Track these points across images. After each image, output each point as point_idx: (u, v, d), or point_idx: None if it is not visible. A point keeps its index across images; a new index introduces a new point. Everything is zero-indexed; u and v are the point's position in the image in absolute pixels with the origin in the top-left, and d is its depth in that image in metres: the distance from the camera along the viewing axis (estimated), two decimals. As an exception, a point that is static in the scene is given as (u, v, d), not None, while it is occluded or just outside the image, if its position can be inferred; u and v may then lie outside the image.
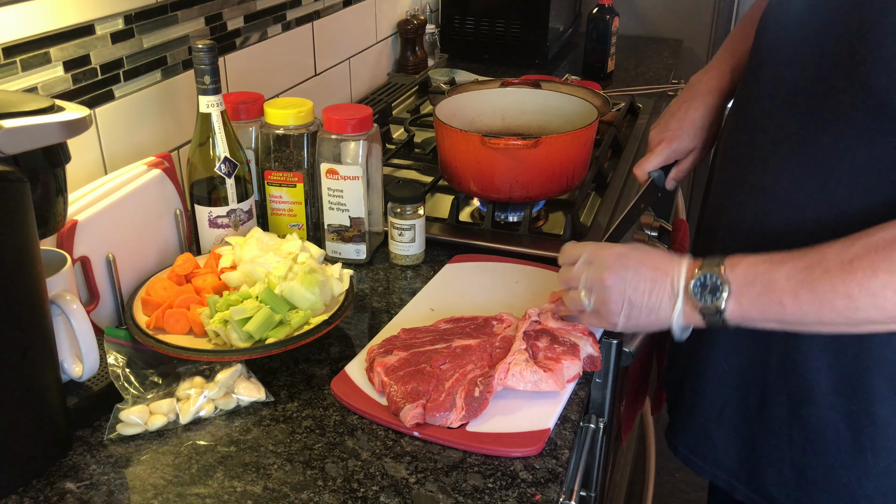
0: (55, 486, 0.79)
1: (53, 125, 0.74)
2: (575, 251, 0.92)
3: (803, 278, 0.75)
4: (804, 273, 0.76)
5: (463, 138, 1.25)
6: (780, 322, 0.79)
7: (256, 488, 0.79)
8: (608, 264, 0.87)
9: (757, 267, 0.79)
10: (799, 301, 0.76)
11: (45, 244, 0.90)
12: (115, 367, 0.91)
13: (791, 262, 0.77)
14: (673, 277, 0.83)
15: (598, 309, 0.88)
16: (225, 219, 1.11)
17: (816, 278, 0.75)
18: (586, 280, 0.89)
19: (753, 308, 0.79)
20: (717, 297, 0.80)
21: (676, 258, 0.85)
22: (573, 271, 0.91)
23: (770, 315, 0.78)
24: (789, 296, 0.76)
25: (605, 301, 0.87)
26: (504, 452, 0.83)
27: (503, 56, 2.21)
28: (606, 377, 1.26)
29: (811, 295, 0.75)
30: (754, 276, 0.78)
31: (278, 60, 1.55)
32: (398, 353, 0.92)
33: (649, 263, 0.85)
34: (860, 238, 0.74)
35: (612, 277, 0.86)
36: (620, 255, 0.87)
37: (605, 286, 0.86)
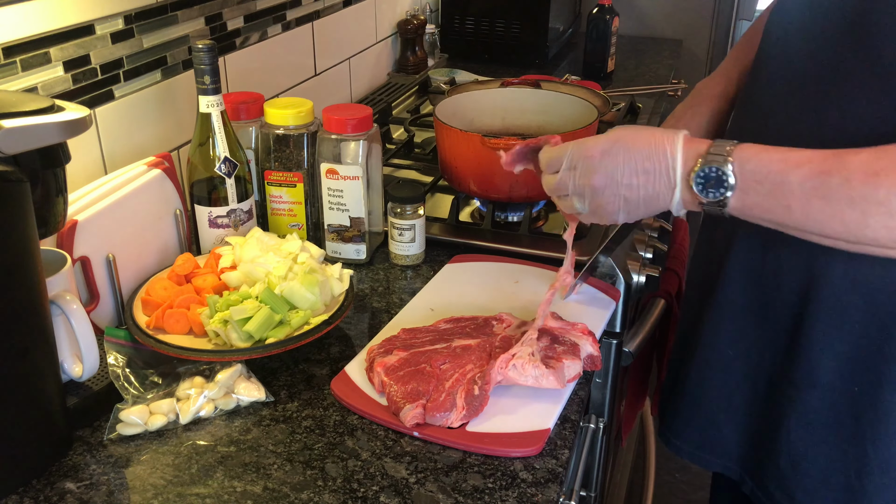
0: (55, 486, 0.79)
1: (53, 125, 0.74)
2: (555, 155, 0.86)
3: (818, 184, 0.71)
4: (820, 179, 0.71)
5: (463, 138, 1.25)
6: (780, 224, 0.75)
7: (256, 488, 0.79)
8: (594, 166, 0.81)
9: (770, 165, 0.73)
10: (808, 208, 0.72)
11: (45, 244, 0.90)
12: (115, 367, 0.91)
13: (808, 166, 0.72)
14: (668, 166, 0.78)
15: (595, 211, 0.84)
16: (225, 219, 1.11)
17: (834, 187, 0.70)
18: (574, 186, 0.83)
19: (757, 206, 0.75)
20: (720, 193, 0.75)
21: (670, 137, 0.78)
22: (559, 179, 0.85)
23: (773, 216, 0.74)
24: (799, 200, 0.72)
25: (600, 204, 0.82)
26: (504, 452, 0.83)
27: (503, 56, 2.21)
28: (606, 377, 1.26)
29: (823, 203, 0.71)
30: (765, 175, 0.73)
31: (278, 60, 1.55)
32: (398, 353, 0.92)
33: (639, 152, 0.79)
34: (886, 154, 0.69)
35: (601, 179, 0.81)
36: (605, 153, 0.81)
37: (595, 189, 0.81)
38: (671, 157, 0.77)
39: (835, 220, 0.71)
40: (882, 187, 0.68)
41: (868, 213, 0.69)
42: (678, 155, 0.77)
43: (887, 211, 0.68)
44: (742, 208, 0.75)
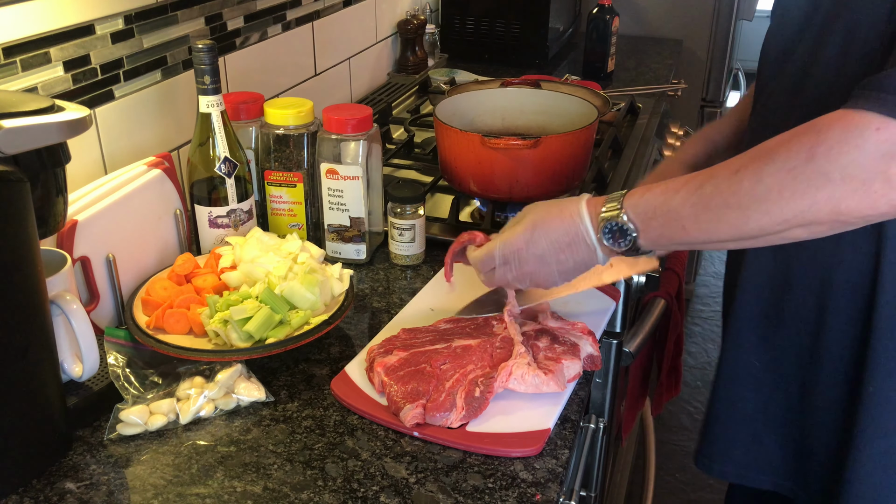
0: (55, 486, 0.79)
1: (53, 125, 0.74)
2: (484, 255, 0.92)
3: (697, 200, 0.76)
4: (697, 194, 0.77)
5: (463, 138, 1.25)
6: (688, 244, 0.81)
7: (256, 488, 0.79)
8: (524, 257, 0.88)
9: (655, 201, 0.80)
10: (699, 222, 0.77)
11: (45, 244, 0.90)
12: (115, 367, 0.91)
13: (685, 187, 0.78)
14: (583, 235, 0.85)
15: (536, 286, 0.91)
16: (225, 219, 1.11)
17: (708, 195, 0.76)
18: (513, 278, 0.91)
19: (662, 238, 0.81)
20: (627, 241, 0.82)
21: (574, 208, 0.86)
22: (497, 276, 0.92)
23: (678, 239, 0.80)
24: (690, 220, 0.77)
25: (538, 282, 0.90)
26: (504, 452, 0.83)
27: (503, 56, 2.21)
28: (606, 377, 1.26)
29: (707, 213, 0.76)
30: (653, 210, 0.80)
31: (278, 60, 1.55)
32: (398, 353, 0.92)
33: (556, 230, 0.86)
34: (748, 152, 0.75)
35: (533, 265, 0.88)
36: (529, 243, 0.88)
37: (532, 274, 0.89)
38: (583, 227, 0.85)
39: (723, 224, 0.75)
40: (745, 180, 0.73)
41: (744, 208, 0.73)
42: (587, 222, 0.85)
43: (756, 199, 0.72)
44: (652, 244, 0.82)
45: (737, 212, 0.74)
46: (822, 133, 0.69)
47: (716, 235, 0.77)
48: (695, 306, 3.14)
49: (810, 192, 0.70)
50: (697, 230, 0.77)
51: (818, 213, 0.70)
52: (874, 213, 0.69)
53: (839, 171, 0.68)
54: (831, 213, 0.70)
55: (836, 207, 0.70)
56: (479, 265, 0.94)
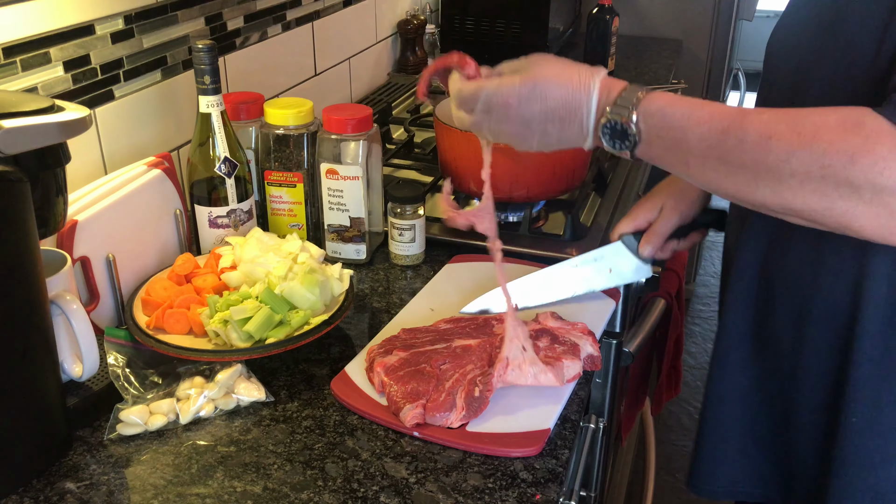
0: (55, 486, 0.79)
1: (53, 125, 0.74)
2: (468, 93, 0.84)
3: (715, 143, 0.72)
4: (718, 138, 0.72)
5: (463, 138, 1.25)
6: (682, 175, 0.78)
7: (256, 488, 0.79)
8: (510, 115, 0.81)
9: (672, 120, 0.75)
10: (704, 165, 0.73)
11: (45, 244, 0.90)
12: (115, 367, 0.91)
13: (709, 124, 0.73)
14: (583, 115, 0.79)
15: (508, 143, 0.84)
16: (225, 219, 1.11)
17: (729, 148, 0.71)
18: (489, 130, 0.84)
19: (659, 158, 0.77)
20: (625, 145, 0.77)
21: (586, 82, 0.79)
22: (473, 120, 0.84)
23: (675, 168, 0.77)
24: (697, 157, 0.73)
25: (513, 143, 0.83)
26: (504, 452, 0.83)
27: (503, 56, 2.19)
28: (606, 377, 1.26)
29: (717, 162, 0.72)
30: (667, 129, 0.75)
31: (278, 60, 1.55)
32: (398, 353, 0.92)
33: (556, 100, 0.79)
34: (787, 116, 0.70)
35: (516, 127, 0.81)
36: (522, 100, 0.80)
37: (510, 135, 0.83)
38: (586, 106, 0.78)
39: (727, 179, 0.72)
40: (772, 152, 0.68)
41: (758, 177, 0.69)
42: (593, 104, 0.78)
43: (775, 177, 0.68)
44: (645, 157, 0.78)
45: (749, 177, 0.70)
46: (871, 142, 0.65)
47: (714, 185, 0.74)
48: (695, 306, 3.14)
49: (832, 198, 0.66)
50: (700, 173, 0.74)
51: (829, 218, 0.68)
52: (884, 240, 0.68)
53: (871, 190, 0.65)
54: (841, 223, 0.68)
55: (849, 221, 0.67)
56: (459, 101, 0.86)
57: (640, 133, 0.76)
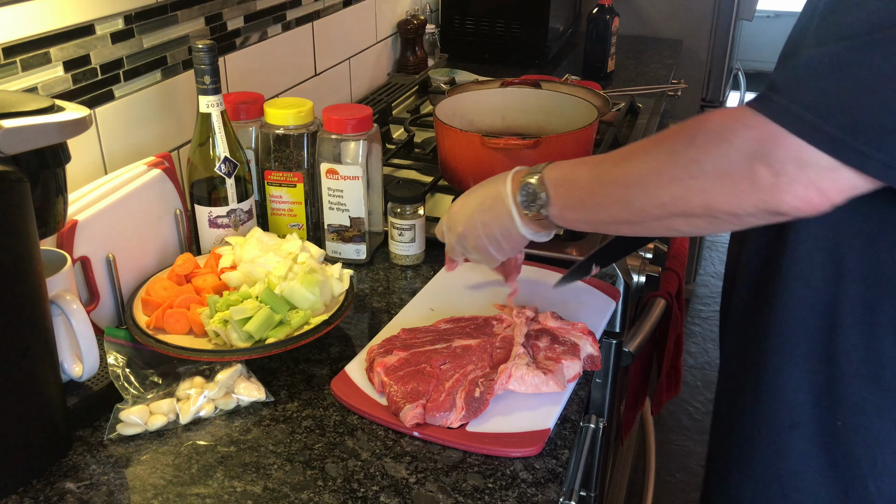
0: (55, 486, 0.79)
1: (53, 125, 0.74)
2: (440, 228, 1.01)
3: (596, 173, 0.78)
4: (598, 168, 0.79)
5: (463, 138, 1.25)
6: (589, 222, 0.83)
7: (256, 488, 0.79)
8: (458, 220, 0.95)
9: (566, 169, 0.83)
10: (593, 195, 0.79)
11: (45, 244, 0.90)
12: (115, 367, 0.91)
13: (592, 161, 0.80)
14: (504, 196, 0.88)
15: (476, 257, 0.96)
16: (225, 219, 1.11)
17: (604, 170, 0.78)
18: (457, 244, 0.97)
19: (564, 208, 0.82)
20: (537, 205, 0.84)
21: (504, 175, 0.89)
22: (447, 244, 1.00)
23: (580, 214, 0.82)
24: (586, 191, 0.79)
25: (474, 247, 0.94)
26: (504, 452, 0.83)
27: (503, 56, 2.21)
28: (606, 377, 1.26)
29: (600, 187, 0.78)
30: (563, 178, 0.82)
31: (278, 60, 1.55)
32: (398, 353, 0.92)
33: (482, 194, 0.92)
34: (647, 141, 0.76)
35: (463, 227, 0.94)
36: (463, 205, 0.94)
37: (464, 237, 0.94)
38: (503, 188, 0.88)
39: (610, 200, 0.77)
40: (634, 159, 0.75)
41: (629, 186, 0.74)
42: (508, 184, 0.88)
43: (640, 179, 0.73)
44: (559, 215, 0.83)
45: (622, 189, 0.75)
46: (708, 122, 0.68)
47: (605, 213, 0.78)
48: (695, 306, 3.14)
49: (684, 179, 0.70)
50: (592, 203, 0.79)
51: (691, 202, 0.70)
52: (741, 212, 0.68)
53: (711, 163, 0.67)
54: (703, 206, 0.69)
55: (706, 201, 0.69)
56: (438, 234, 1.02)
57: (547, 190, 0.83)
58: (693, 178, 0.69)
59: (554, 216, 0.84)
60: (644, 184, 0.73)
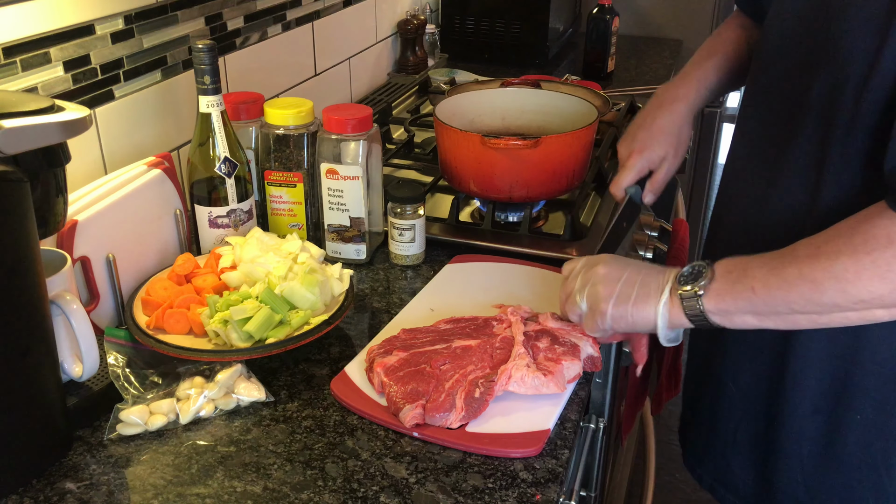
0: (55, 486, 0.79)
1: (53, 125, 0.74)
2: (574, 263, 0.96)
3: (774, 265, 0.78)
4: (776, 261, 0.79)
5: (463, 138, 1.25)
6: (753, 312, 0.80)
7: (256, 488, 0.79)
8: (605, 260, 0.91)
9: (738, 259, 0.82)
10: (768, 287, 0.78)
11: (45, 244, 0.90)
12: (115, 367, 0.91)
13: (768, 256, 0.80)
14: (663, 275, 0.86)
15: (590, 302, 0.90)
16: (225, 219, 1.11)
17: (786, 265, 0.78)
18: (582, 281, 0.91)
19: (728, 295, 0.81)
20: (698, 282, 0.82)
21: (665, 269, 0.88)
22: (571, 279, 0.94)
23: (743, 304, 0.80)
24: (760, 282, 0.79)
25: (596, 290, 0.89)
26: (503, 453, 0.83)
27: (503, 56, 2.21)
28: (606, 377, 1.26)
29: (779, 280, 0.77)
30: (733, 265, 0.82)
31: (278, 60, 1.55)
32: (398, 353, 0.92)
33: (644, 265, 0.89)
34: (831, 228, 0.77)
35: (605, 269, 0.89)
36: (617, 259, 0.91)
37: (598, 275, 0.89)
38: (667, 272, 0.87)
39: (794, 293, 0.77)
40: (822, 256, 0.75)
41: (818, 282, 0.75)
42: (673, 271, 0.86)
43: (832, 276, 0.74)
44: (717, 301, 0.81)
45: (810, 285, 0.76)
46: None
47: (784, 302, 0.78)
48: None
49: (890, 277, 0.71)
50: (766, 295, 0.78)
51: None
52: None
53: None
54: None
55: None
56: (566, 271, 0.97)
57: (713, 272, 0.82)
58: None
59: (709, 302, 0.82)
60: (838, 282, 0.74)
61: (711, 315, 0.82)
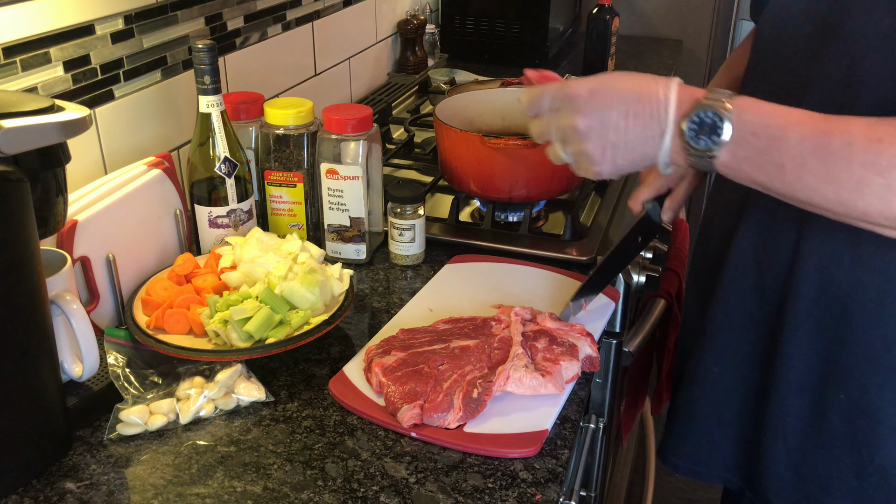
0: (55, 486, 0.79)
1: (53, 125, 0.74)
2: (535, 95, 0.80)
3: (818, 144, 0.65)
4: (820, 138, 0.65)
5: (463, 138, 1.25)
6: (767, 186, 0.70)
7: (256, 488, 0.79)
8: (579, 107, 0.75)
9: (770, 118, 0.68)
10: (803, 168, 0.66)
11: (45, 244, 0.90)
12: (115, 367, 0.91)
13: (809, 124, 0.66)
14: (660, 108, 0.72)
15: (578, 159, 0.78)
16: (225, 219, 1.12)
17: (834, 148, 0.65)
18: (558, 130, 0.78)
19: (748, 162, 0.69)
20: (712, 141, 0.69)
21: (664, 82, 0.73)
22: (542, 123, 0.80)
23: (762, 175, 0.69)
24: (795, 160, 0.66)
25: (584, 150, 0.76)
26: (502, 453, 0.83)
27: (503, 56, 2.21)
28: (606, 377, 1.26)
29: (819, 164, 0.65)
30: (763, 127, 0.68)
31: (278, 60, 1.55)
32: (396, 353, 0.92)
33: (630, 93, 0.73)
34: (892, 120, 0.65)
35: (586, 120, 0.75)
36: (592, 92, 0.75)
37: (579, 132, 0.75)
38: (664, 99, 0.72)
39: (829, 184, 0.65)
40: (884, 155, 0.63)
41: (865, 181, 0.64)
42: (671, 97, 0.72)
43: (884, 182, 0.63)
44: (731, 163, 0.70)
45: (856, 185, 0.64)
46: None
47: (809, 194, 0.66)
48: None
49: None
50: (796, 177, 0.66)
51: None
52: None
53: None
54: None
55: None
56: (528, 106, 0.81)
57: (733, 127, 0.68)
58: None
59: (722, 162, 0.69)
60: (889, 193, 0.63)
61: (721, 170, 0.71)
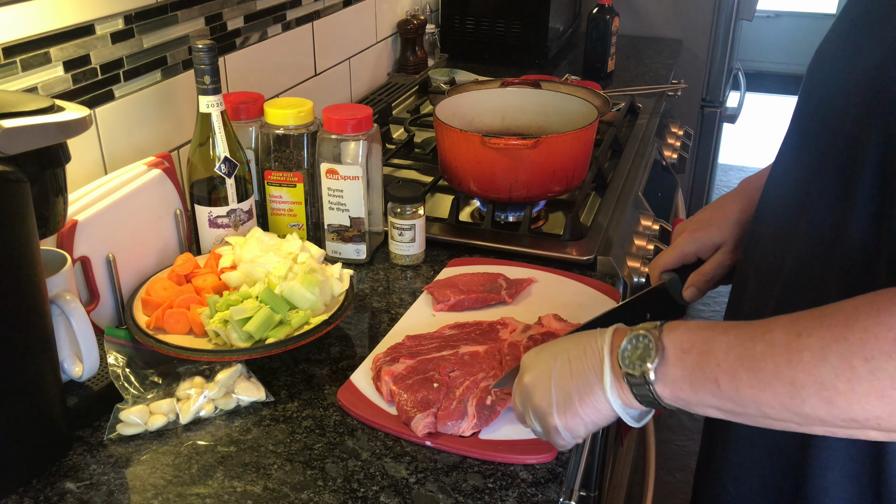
0: (55, 486, 0.79)
1: (53, 125, 0.74)
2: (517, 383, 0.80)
3: (744, 352, 0.60)
4: (746, 345, 0.60)
5: (463, 138, 1.25)
6: (718, 407, 0.63)
7: (256, 488, 0.79)
8: (527, 365, 0.76)
9: (697, 333, 0.63)
10: (736, 381, 0.60)
11: (45, 244, 0.90)
12: (115, 367, 0.91)
13: (736, 331, 0.61)
14: (598, 346, 0.70)
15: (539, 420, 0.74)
16: (225, 219, 1.11)
17: (759, 354, 0.59)
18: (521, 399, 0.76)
19: (685, 383, 0.63)
20: (643, 364, 0.64)
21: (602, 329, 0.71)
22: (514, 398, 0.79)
23: (705, 397, 0.63)
24: (726, 373, 0.61)
25: (534, 403, 0.73)
26: (519, 460, 0.82)
27: (503, 56, 2.21)
28: (606, 377, 1.25)
29: (750, 375, 0.59)
30: (691, 343, 0.63)
31: (278, 60, 1.55)
32: (405, 360, 0.91)
33: (571, 342, 0.72)
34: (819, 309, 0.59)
35: (531, 375, 0.74)
36: (539, 350, 0.76)
37: (527, 388, 0.74)
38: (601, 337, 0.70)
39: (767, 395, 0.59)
40: (805, 351, 0.57)
41: (799, 386, 0.57)
42: (608, 334, 0.70)
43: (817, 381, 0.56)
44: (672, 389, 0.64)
45: (789, 388, 0.57)
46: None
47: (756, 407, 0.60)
48: (695, 306, 3.14)
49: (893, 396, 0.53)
50: (733, 392, 0.60)
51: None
52: None
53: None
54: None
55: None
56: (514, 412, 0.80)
57: (664, 349, 0.64)
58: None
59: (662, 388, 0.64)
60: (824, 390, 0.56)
61: (668, 402, 0.65)
